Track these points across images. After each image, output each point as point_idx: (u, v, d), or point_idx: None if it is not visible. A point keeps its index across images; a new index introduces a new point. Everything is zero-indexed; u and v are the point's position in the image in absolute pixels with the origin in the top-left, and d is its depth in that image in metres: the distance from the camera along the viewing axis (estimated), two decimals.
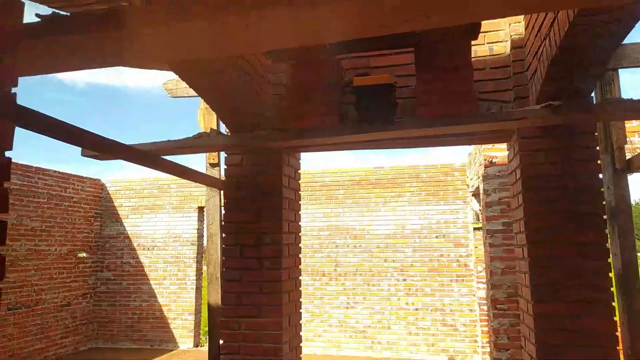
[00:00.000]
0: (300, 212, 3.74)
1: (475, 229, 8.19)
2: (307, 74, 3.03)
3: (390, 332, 8.56)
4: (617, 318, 2.80)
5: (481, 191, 6.33)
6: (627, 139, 4.09)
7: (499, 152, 5.99)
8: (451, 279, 8.44)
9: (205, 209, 4.52)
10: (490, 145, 6.04)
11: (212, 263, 4.49)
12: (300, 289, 3.70)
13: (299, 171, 3.72)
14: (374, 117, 2.71)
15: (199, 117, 4.40)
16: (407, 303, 8.55)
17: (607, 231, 2.82)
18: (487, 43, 3.16)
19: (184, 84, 4.47)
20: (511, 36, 3.06)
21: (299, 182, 3.74)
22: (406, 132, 2.67)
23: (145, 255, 9.68)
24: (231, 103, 2.90)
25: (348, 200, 8.97)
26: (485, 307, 8.08)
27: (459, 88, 2.67)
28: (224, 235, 3.42)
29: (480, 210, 8.24)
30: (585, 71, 2.42)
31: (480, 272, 8.12)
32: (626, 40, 2.59)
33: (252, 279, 3.32)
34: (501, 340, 5.80)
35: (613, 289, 2.85)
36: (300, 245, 3.72)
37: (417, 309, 8.50)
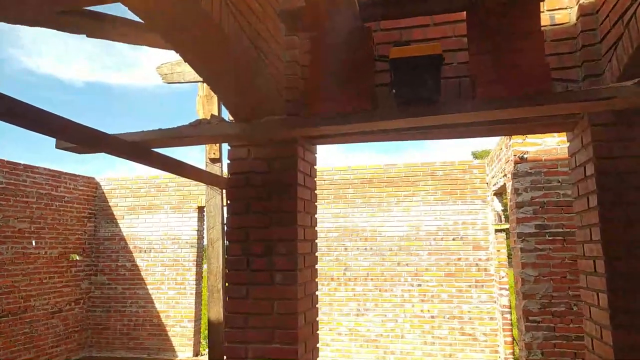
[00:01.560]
0: (316, 216, 3.18)
1: (496, 230, 7.62)
2: (330, 47, 2.45)
3: (404, 341, 7.99)
4: None
5: (510, 190, 5.76)
6: None
7: (531, 147, 5.42)
8: (470, 285, 7.86)
9: (205, 211, 3.95)
10: (520, 140, 5.47)
11: (213, 273, 3.92)
12: (317, 306, 3.14)
13: (315, 167, 3.15)
14: (416, 97, 2.14)
15: (198, 106, 3.84)
16: (422, 310, 7.97)
17: None
18: (547, 10, 2.58)
19: (179, 68, 3.90)
20: (579, 1, 2.49)
21: (315, 180, 3.17)
22: (463, 117, 2.10)
23: (141, 258, 9.12)
24: (238, 82, 2.32)
25: (358, 199, 8.40)
26: (508, 316, 7.52)
27: (529, 61, 2.09)
28: (227, 243, 2.86)
29: (502, 210, 7.66)
30: None
31: (503, 277, 7.55)
32: None
33: (262, 296, 2.76)
34: (534, 356, 5.23)
35: None
36: (316, 254, 3.15)
37: (432, 317, 7.93)
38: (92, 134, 2.36)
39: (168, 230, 9.04)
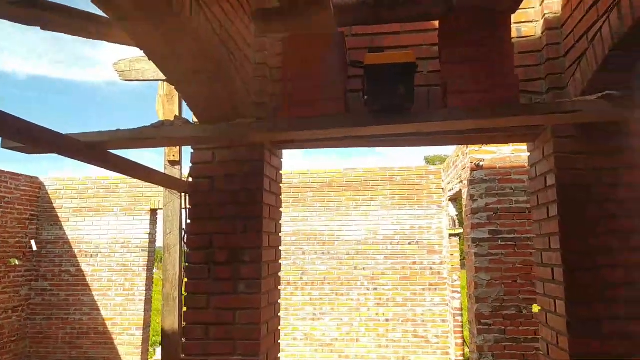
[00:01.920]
0: (280, 222, 3.10)
1: (451, 235, 7.81)
2: (303, 50, 2.39)
3: (359, 344, 8.03)
4: None
5: (465, 196, 5.92)
6: None
7: (487, 154, 5.59)
8: (424, 288, 8.01)
9: (163, 215, 3.78)
10: (477, 147, 5.63)
11: (169, 281, 3.75)
12: (279, 314, 3.06)
13: (280, 172, 3.08)
14: (390, 105, 2.11)
15: (158, 105, 3.66)
16: (377, 314, 8.05)
17: None
18: (515, 23, 2.64)
19: (139, 65, 3.71)
20: (544, 15, 2.56)
21: (280, 185, 3.09)
22: (435, 126, 2.09)
23: (87, 263, 8.64)
24: (206, 84, 2.22)
25: (317, 203, 8.37)
26: (459, 318, 7.72)
27: (500, 72, 2.12)
28: (188, 250, 2.72)
29: (457, 215, 7.87)
30: None
31: (456, 281, 7.75)
32: None
33: (224, 306, 2.65)
34: (485, 359, 5.38)
35: None
36: (280, 262, 3.08)
37: (387, 320, 8.02)
38: (41, 133, 2.17)
39: (117, 234, 8.62)
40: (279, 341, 3.01)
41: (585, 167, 2.43)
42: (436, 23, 2.47)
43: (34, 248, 8.44)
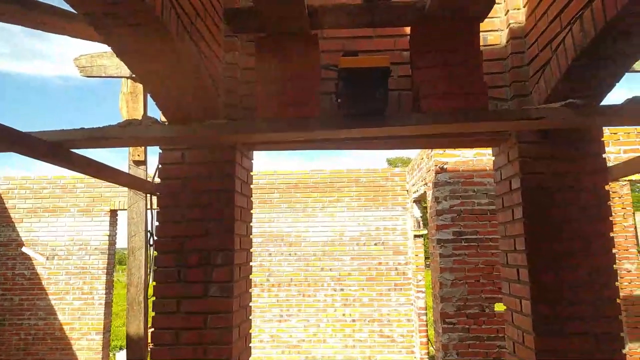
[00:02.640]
0: (251, 224, 3.07)
1: (415, 236, 7.96)
2: (275, 51, 2.38)
3: (326, 345, 8.06)
4: None
5: (430, 198, 6.05)
6: None
7: (450, 157, 5.73)
8: (389, 288, 8.13)
9: (127, 217, 3.66)
10: (441, 151, 5.76)
11: (134, 285, 3.64)
12: (250, 318, 3.02)
13: (251, 174, 3.05)
14: (364, 109, 2.13)
15: (121, 103, 3.55)
16: (344, 314, 8.10)
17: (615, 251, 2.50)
18: (482, 31, 2.71)
19: (100, 61, 3.59)
20: (509, 24, 2.66)
21: (251, 187, 3.06)
22: (407, 130, 2.13)
23: (43, 266, 8.27)
24: (176, 83, 2.17)
25: (283, 204, 8.34)
26: (424, 317, 7.88)
27: (470, 78, 2.18)
28: (157, 254, 2.65)
29: (421, 217, 8.03)
30: (618, 64, 2.05)
31: (420, 281, 7.90)
32: None
33: (195, 310, 2.59)
34: (450, 357, 5.52)
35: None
36: (251, 264, 3.05)
37: (354, 320, 8.09)
38: (2, 132, 2.06)
39: (75, 235, 8.30)
40: (250, 344, 2.98)
41: (549, 171, 2.53)
42: (407, 29, 2.52)
43: None
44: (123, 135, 2.41)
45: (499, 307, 5.40)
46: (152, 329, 2.64)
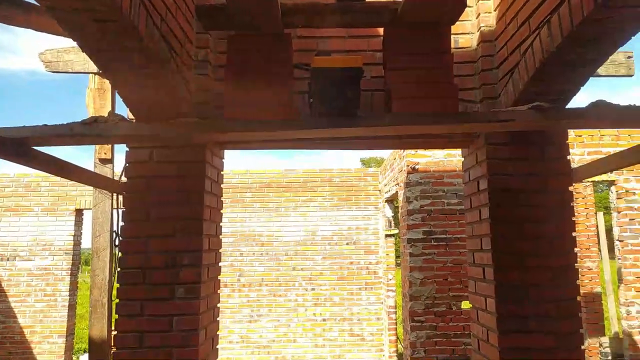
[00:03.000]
0: (221, 224, 3.02)
1: (386, 235, 8.03)
2: (248, 49, 2.34)
3: (296, 345, 8.04)
4: None
5: (402, 198, 6.11)
6: None
7: (422, 158, 5.81)
8: (360, 287, 8.18)
9: (92, 217, 3.54)
10: (413, 151, 5.83)
11: (98, 286, 3.52)
12: (218, 319, 2.98)
13: (222, 173, 3.00)
14: (337, 109, 2.13)
15: (88, 100, 3.43)
16: (314, 314, 8.10)
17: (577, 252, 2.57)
18: (453, 34, 2.75)
19: (67, 56, 3.46)
20: (480, 28, 2.70)
21: (222, 186, 3.02)
22: (380, 130, 2.13)
23: (3, 267, 7.94)
24: (145, 80, 2.11)
25: (256, 204, 8.27)
26: (393, 316, 7.96)
27: (441, 80, 2.20)
28: (121, 255, 2.58)
29: (393, 216, 8.11)
30: (583, 70, 2.11)
31: (390, 280, 7.98)
32: None
33: (160, 312, 2.53)
34: (418, 354, 5.59)
35: None
36: (220, 265, 3.00)
37: (324, 320, 8.10)
38: None
39: (38, 235, 8.00)
40: (217, 346, 2.93)
41: (515, 173, 2.59)
42: (380, 30, 2.52)
43: None
44: (88, 132, 2.32)
45: (466, 304, 5.51)
46: (116, 332, 2.56)
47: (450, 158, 5.80)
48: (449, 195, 5.77)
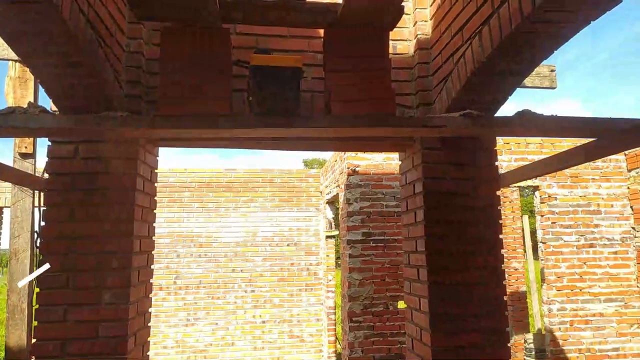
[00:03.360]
0: (154, 225, 2.89)
1: (327, 237, 8.09)
2: (184, 42, 2.26)
3: (235, 348, 7.90)
4: None
5: (342, 200, 6.17)
6: None
7: (362, 160, 5.90)
8: (300, 289, 8.18)
9: (10, 215, 3.27)
10: (354, 154, 5.91)
11: (16, 291, 3.26)
12: (149, 324, 2.85)
13: (156, 171, 2.87)
14: (277, 109, 2.10)
15: (7, 89, 3.17)
16: (254, 316, 8.00)
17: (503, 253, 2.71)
18: (391, 40, 2.82)
19: None
20: (417, 35, 2.78)
21: (155, 185, 2.89)
22: (319, 132, 2.13)
23: None
24: (69, 69, 1.97)
25: (195, 203, 8.04)
26: (332, 317, 8.03)
27: (379, 85, 2.24)
28: (42, 256, 2.40)
29: (333, 218, 8.18)
30: (511, 80, 2.22)
31: (330, 280, 8.04)
32: None
33: (85, 318, 2.38)
34: (355, 354, 5.67)
35: None
36: (152, 267, 2.87)
37: (264, 322, 8.02)
38: None
39: None
40: (147, 353, 2.81)
41: (448, 177, 2.68)
42: (322, 31, 2.53)
43: None
44: (4, 124, 2.14)
45: (402, 304, 5.66)
46: (35, 340, 2.38)
47: (389, 161, 5.94)
48: (387, 198, 5.90)
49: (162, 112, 2.18)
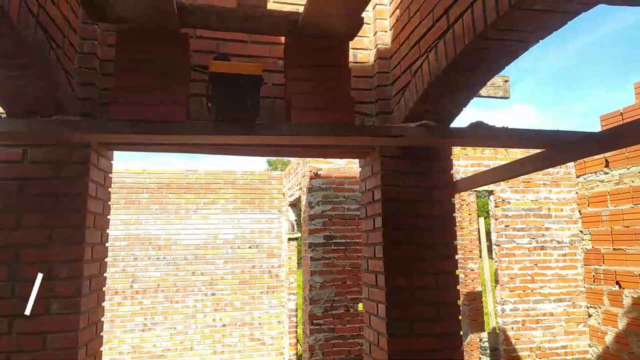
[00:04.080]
0: (108, 231, 2.81)
1: (289, 239, 8.08)
2: (140, 46, 2.21)
3: (194, 353, 7.76)
4: None
5: (304, 203, 6.18)
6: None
7: (324, 164, 5.93)
8: (262, 291, 8.13)
9: None
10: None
11: None
12: (102, 334, 2.76)
13: (110, 175, 2.79)
14: (235, 116, 2.08)
15: None
16: (214, 319, 7.89)
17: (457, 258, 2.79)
18: (352, 48, 2.85)
19: None
20: (377, 45, 2.82)
21: (109, 190, 2.80)
22: (278, 139, 2.12)
23: None
24: (17, 70, 1.88)
25: (153, 205, 7.84)
26: (294, 319, 8.03)
27: (338, 93, 2.26)
28: None
29: (296, 220, 8.17)
30: (466, 92, 2.29)
31: (292, 283, 8.04)
32: None
33: (32, 329, 2.28)
34: (316, 357, 5.70)
35: None
36: (105, 275, 2.78)
37: (224, 325, 7.92)
38: None
39: None
40: None
41: (405, 184, 2.74)
42: (283, 38, 2.52)
43: None
44: None
45: (362, 307, 5.73)
46: None
47: (351, 165, 6.00)
48: (349, 201, 5.96)
49: (116, 116, 2.12)
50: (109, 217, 2.79)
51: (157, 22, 2.12)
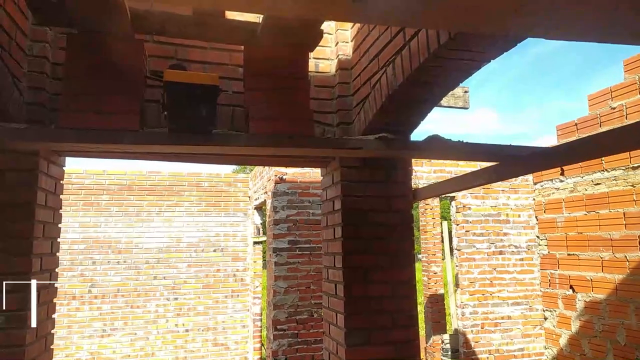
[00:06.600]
0: (59, 240, 2.71)
1: (255, 242, 8.01)
2: (92, 51, 2.13)
3: (155, 359, 7.58)
4: None
5: (269, 207, 6.15)
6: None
7: (290, 169, 5.91)
8: (226, 295, 8.03)
9: None
10: None
11: None
12: (52, 347, 2.66)
13: (62, 182, 2.69)
14: (190, 126, 2.04)
15: None
16: (176, 325, 7.73)
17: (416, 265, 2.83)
18: (314, 58, 2.86)
19: None
20: (338, 56, 2.83)
21: (61, 197, 2.70)
22: (236, 150, 2.10)
23: None
24: None
25: (114, 207, 7.62)
26: (258, 323, 7.97)
27: (296, 104, 2.25)
28: None
29: (261, 223, 8.11)
30: (423, 106, 2.33)
31: (257, 287, 7.98)
32: None
33: None
34: None
35: None
36: (56, 286, 2.68)
37: (187, 330, 7.78)
38: None
39: None
40: None
41: (364, 194, 2.76)
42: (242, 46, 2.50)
43: None
44: None
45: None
46: None
47: (316, 170, 6.00)
48: (314, 206, 5.96)
49: (65, 124, 2.04)
50: (60, 225, 2.69)
51: (110, 27, 2.06)
